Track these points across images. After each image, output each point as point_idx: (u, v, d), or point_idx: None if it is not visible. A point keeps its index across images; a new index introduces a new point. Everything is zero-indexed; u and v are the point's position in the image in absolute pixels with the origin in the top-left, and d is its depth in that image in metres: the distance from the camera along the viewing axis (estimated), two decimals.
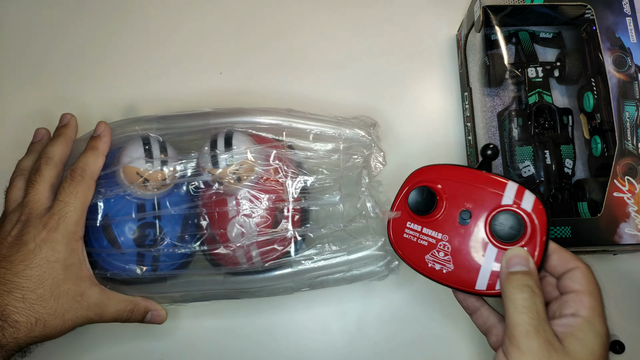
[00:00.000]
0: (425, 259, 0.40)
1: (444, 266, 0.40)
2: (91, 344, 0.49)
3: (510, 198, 0.38)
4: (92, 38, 0.57)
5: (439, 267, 0.40)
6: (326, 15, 0.58)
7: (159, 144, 0.43)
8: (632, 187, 0.45)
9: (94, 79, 0.56)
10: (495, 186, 0.39)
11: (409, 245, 0.41)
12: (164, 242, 0.43)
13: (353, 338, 0.50)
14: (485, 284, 0.38)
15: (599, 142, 0.49)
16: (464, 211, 0.39)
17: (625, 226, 0.45)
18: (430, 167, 0.42)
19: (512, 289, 0.35)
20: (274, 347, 0.50)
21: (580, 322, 0.34)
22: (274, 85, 0.56)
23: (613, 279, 0.51)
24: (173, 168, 0.43)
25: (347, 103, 0.55)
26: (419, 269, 0.41)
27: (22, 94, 0.55)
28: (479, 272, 0.38)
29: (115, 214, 0.42)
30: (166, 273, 0.44)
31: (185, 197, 0.44)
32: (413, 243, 0.41)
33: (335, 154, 0.46)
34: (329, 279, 0.45)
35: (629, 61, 0.48)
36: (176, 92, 0.55)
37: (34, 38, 0.57)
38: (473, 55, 0.53)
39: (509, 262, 0.37)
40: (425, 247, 0.40)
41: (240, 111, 0.46)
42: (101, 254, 0.42)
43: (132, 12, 0.58)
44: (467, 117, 0.53)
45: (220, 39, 0.57)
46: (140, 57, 0.57)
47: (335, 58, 0.57)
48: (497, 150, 0.40)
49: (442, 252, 0.40)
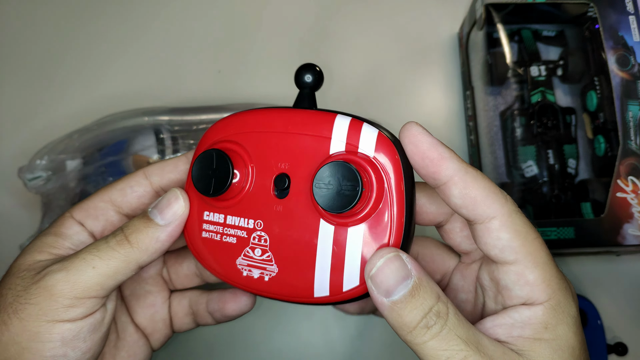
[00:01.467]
0: (237, 264, 0.27)
1: (264, 271, 0.27)
2: None
3: (341, 141, 0.26)
4: (89, 35, 0.56)
5: (259, 274, 0.27)
6: (327, 14, 0.58)
7: (171, 135, 0.43)
8: (635, 187, 0.45)
9: (93, 77, 0.55)
10: (319, 127, 0.26)
11: (211, 248, 0.28)
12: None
13: (353, 338, 0.49)
14: (327, 288, 0.25)
15: (602, 141, 0.48)
16: (279, 177, 0.26)
17: (628, 227, 0.44)
18: (226, 120, 0.28)
19: (413, 337, 0.23)
20: (273, 346, 0.49)
21: (541, 314, 0.23)
22: (272, 85, 0.55)
23: (616, 280, 0.51)
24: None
25: (347, 101, 0.55)
26: (231, 281, 0.28)
27: (22, 92, 0.55)
28: (315, 270, 0.25)
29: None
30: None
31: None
32: (217, 243, 0.28)
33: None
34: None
35: (632, 60, 0.48)
36: (176, 92, 0.55)
37: (33, 36, 0.57)
38: (475, 54, 0.52)
39: (378, 283, 0.23)
40: (234, 245, 0.27)
41: (251, 106, 0.45)
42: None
43: (131, 8, 0.57)
44: (469, 116, 0.53)
45: (219, 38, 0.57)
46: (138, 55, 0.56)
47: (335, 56, 0.56)
48: (320, 73, 0.28)
49: (259, 249, 0.27)
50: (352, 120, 0.26)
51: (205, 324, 0.36)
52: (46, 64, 0.55)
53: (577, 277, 0.51)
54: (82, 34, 0.57)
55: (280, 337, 0.50)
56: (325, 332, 0.50)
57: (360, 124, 0.26)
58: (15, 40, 0.56)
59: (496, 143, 0.50)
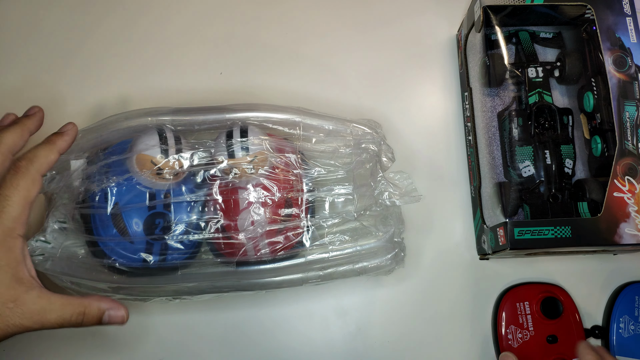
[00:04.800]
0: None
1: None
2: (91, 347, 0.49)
3: None
4: (90, 35, 0.57)
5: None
6: (327, 16, 0.58)
7: (174, 134, 0.44)
8: (632, 187, 0.45)
9: (92, 76, 0.56)
10: None
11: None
12: (175, 231, 0.43)
13: (353, 338, 0.50)
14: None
15: (599, 142, 0.49)
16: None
17: (625, 226, 0.45)
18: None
19: None
20: (274, 345, 0.50)
21: None
22: (273, 87, 0.56)
23: (613, 279, 0.51)
24: (189, 156, 0.43)
25: (347, 103, 0.55)
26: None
27: (27, 92, 0.55)
28: None
29: (126, 202, 0.42)
30: (177, 262, 0.44)
31: (198, 186, 0.44)
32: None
33: (347, 147, 0.47)
34: (338, 271, 0.46)
35: (629, 61, 0.48)
36: (175, 92, 0.55)
37: (40, 37, 0.57)
38: (473, 55, 0.53)
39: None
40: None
41: (255, 106, 0.47)
42: (109, 243, 0.42)
43: (133, 9, 0.58)
44: (467, 117, 0.53)
45: (221, 39, 0.57)
46: (140, 55, 0.57)
47: (335, 58, 0.57)
48: None
49: None
50: None
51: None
52: (51, 65, 0.56)
53: (574, 275, 0.51)
54: (89, 35, 0.57)
55: (280, 335, 0.50)
56: (325, 332, 0.50)
57: None
58: (22, 40, 0.57)
59: (494, 143, 0.50)
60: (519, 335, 0.49)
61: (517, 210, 0.49)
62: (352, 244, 0.46)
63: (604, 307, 0.50)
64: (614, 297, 0.50)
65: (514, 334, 0.49)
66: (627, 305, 0.49)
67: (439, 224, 0.53)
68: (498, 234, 0.46)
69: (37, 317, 0.35)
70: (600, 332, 0.50)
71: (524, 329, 0.49)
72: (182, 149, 0.43)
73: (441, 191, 0.53)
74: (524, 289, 0.50)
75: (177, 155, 0.43)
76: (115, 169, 0.43)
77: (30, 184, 0.37)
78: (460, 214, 0.53)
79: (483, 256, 0.51)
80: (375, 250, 0.46)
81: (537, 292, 0.49)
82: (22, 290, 0.35)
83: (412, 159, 0.54)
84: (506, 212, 0.48)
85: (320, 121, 0.47)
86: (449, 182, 0.53)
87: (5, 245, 0.35)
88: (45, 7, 0.58)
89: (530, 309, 0.49)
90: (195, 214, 0.44)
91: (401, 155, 0.53)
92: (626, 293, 0.50)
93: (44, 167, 0.38)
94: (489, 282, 0.51)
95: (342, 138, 0.47)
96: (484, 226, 0.49)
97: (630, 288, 0.50)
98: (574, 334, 0.48)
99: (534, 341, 0.48)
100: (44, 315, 0.36)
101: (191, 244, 0.44)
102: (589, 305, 0.50)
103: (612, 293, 0.51)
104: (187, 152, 0.44)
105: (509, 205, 0.48)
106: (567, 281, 0.51)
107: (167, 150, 0.42)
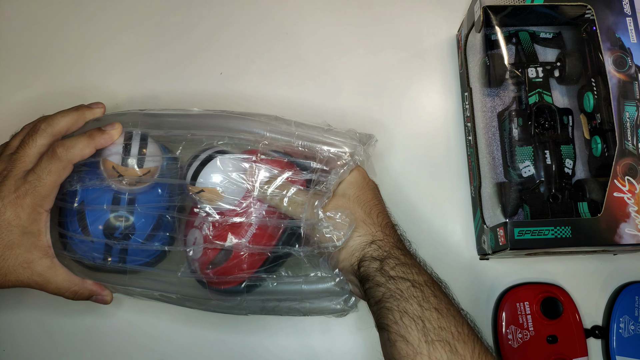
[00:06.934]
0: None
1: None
2: (90, 341, 0.49)
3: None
4: (91, 35, 0.57)
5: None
6: (326, 17, 0.58)
7: (140, 142, 0.43)
8: (632, 187, 0.45)
9: (92, 76, 0.56)
10: None
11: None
12: (131, 238, 0.43)
13: (353, 338, 0.50)
14: None
15: (599, 142, 0.49)
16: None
17: (625, 226, 0.45)
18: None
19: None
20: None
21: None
22: (273, 87, 0.56)
23: (613, 279, 0.51)
24: (154, 167, 0.43)
25: (347, 104, 0.55)
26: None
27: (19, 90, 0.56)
28: None
29: (90, 201, 0.43)
30: (127, 267, 0.44)
31: (162, 197, 0.44)
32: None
33: (311, 173, 0.43)
34: (281, 307, 0.44)
35: (629, 61, 0.48)
36: (175, 92, 0.55)
37: (33, 33, 0.57)
38: (473, 56, 0.53)
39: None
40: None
41: (226, 117, 0.45)
42: (73, 238, 0.43)
43: (133, 9, 0.58)
44: (467, 117, 0.54)
45: (222, 40, 0.57)
46: (141, 55, 0.57)
47: (335, 59, 0.57)
48: None
49: None
50: None
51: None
52: (44, 63, 0.56)
53: (574, 275, 0.51)
54: (81, 35, 0.57)
55: (280, 337, 0.50)
56: (325, 332, 0.50)
57: None
58: (14, 40, 0.57)
59: (494, 143, 0.50)
60: (519, 335, 0.49)
61: (517, 210, 0.49)
62: (297, 281, 0.43)
63: (604, 307, 0.51)
64: (614, 297, 0.50)
65: (514, 334, 0.49)
66: (627, 305, 0.49)
67: (439, 224, 0.53)
68: (498, 234, 0.46)
69: (41, 282, 0.42)
70: (600, 332, 0.50)
71: (524, 329, 0.49)
72: (143, 159, 0.43)
73: (441, 191, 0.53)
74: (524, 289, 0.50)
75: (137, 165, 0.42)
76: (87, 168, 0.43)
77: (62, 170, 0.41)
78: (460, 214, 0.53)
79: (483, 256, 0.51)
80: (322, 293, 0.42)
81: (537, 292, 0.49)
82: (37, 257, 0.42)
83: (412, 159, 0.54)
84: (506, 212, 0.48)
85: (291, 138, 0.43)
86: (449, 182, 0.53)
87: (32, 217, 0.41)
88: (36, 5, 0.58)
89: (530, 309, 0.49)
90: (155, 223, 0.44)
91: (401, 155, 0.53)
92: (626, 293, 0.50)
93: (77, 158, 0.42)
94: (489, 282, 0.51)
95: (311, 156, 0.44)
96: (484, 226, 0.49)
97: (630, 288, 0.50)
98: (574, 334, 0.48)
99: (534, 341, 0.48)
100: (46, 283, 0.42)
101: (149, 251, 0.44)
102: (589, 305, 0.51)
103: (612, 293, 0.51)
104: (150, 161, 0.43)
105: (509, 206, 0.48)
106: (567, 281, 0.51)
107: (128, 158, 0.42)
